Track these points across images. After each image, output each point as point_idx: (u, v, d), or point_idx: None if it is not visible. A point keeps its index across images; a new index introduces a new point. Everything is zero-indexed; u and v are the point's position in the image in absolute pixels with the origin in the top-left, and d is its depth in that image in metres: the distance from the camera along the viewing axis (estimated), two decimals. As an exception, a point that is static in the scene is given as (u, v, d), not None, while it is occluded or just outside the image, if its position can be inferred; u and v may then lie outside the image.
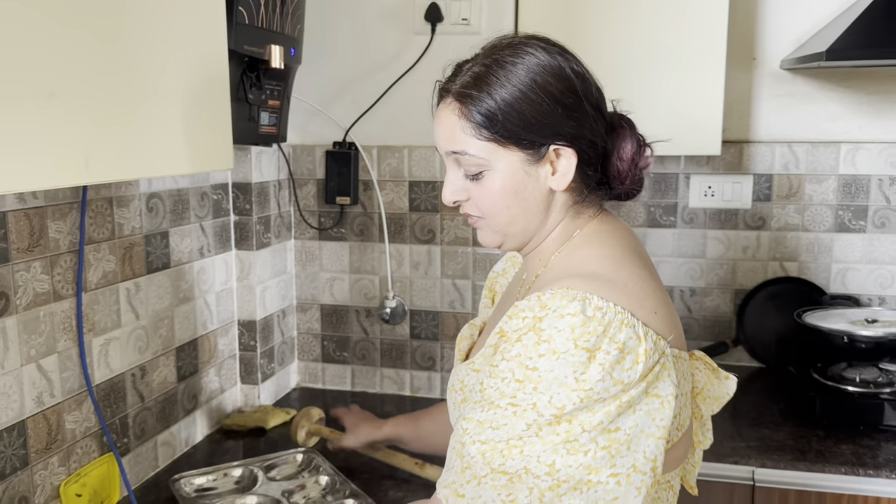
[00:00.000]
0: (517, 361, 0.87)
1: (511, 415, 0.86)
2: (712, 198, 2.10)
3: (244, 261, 1.84)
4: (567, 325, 0.85)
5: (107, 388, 1.41)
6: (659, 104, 1.78)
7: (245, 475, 1.48)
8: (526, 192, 0.97)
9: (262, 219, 1.85)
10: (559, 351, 0.84)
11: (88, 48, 0.93)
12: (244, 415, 1.80)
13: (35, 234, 1.23)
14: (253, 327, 1.86)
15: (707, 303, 2.15)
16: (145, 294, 1.51)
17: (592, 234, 1.01)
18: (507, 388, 0.87)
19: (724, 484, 1.62)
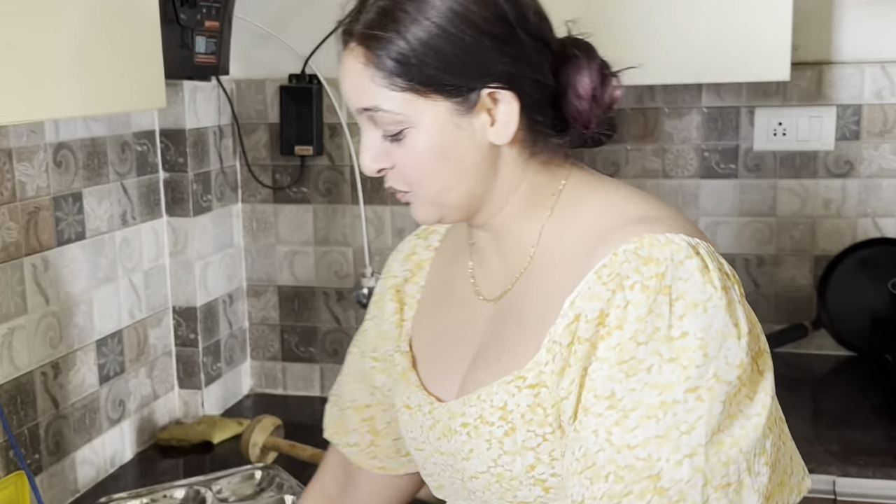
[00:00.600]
0: (658, 338, 0.92)
1: (697, 401, 0.90)
2: (783, 137, 2.19)
3: (178, 230, 1.94)
4: (692, 270, 0.92)
5: (11, 389, 1.53)
6: (709, 18, 1.87)
7: (190, 497, 1.60)
8: (459, 151, 1.01)
9: (199, 176, 1.95)
10: (701, 301, 0.92)
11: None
12: (184, 427, 1.91)
13: None
14: (192, 316, 1.97)
15: (779, 274, 2.24)
16: (55, 272, 1.62)
17: (585, 182, 1.07)
18: (669, 375, 0.91)
19: None
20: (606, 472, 0.92)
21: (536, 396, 0.99)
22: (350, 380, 1.28)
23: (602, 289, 0.94)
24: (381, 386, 1.24)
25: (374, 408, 1.25)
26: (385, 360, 1.24)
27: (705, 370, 0.90)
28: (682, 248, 0.93)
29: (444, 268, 1.21)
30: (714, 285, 0.92)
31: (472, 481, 1.05)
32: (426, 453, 1.12)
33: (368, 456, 1.25)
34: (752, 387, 0.93)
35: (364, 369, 1.26)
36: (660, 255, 0.93)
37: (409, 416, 1.14)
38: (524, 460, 1.00)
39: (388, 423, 1.25)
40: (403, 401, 1.16)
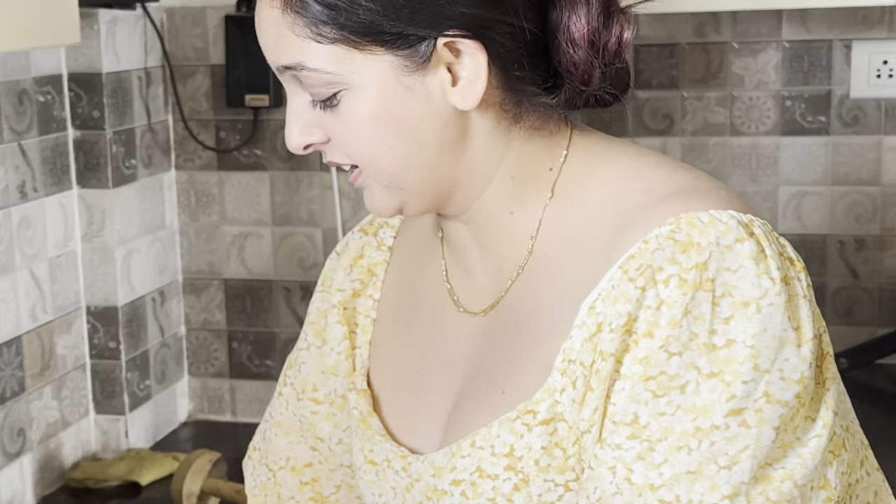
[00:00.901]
0: (696, 347, 0.92)
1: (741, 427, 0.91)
2: (889, 80, 2.23)
3: (94, 206, 1.97)
4: (744, 257, 0.93)
5: None
6: None
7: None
8: (413, 120, 1.02)
9: (121, 135, 1.98)
10: (754, 298, 0.91)
11: None
12: (103, 464, 1.94)
13: None
14: (112, 319, 2.01)
15: (885, 262, 2.29)
16: None
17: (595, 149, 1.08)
18: (708, 395, 0.92)
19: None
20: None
21: (553, 435, 0.99)
22: (282, 431, 1.27)
23: (630, 286, 0.95)
24: (328, 438, 1.24)
25: (317, 468, 1.25)
26: (332, 403, 1.24)
27: (755, 387, 0.91)
28: (731, 228, 0.94)
29: (407, 272, 1.22)
30: (771, 277, 0.92)
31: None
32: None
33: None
34: (813, 405, 0.94)
35: (303, 416, 1.25)
36: (702, 240, 0.93)
37: (376, 476, 1.14)
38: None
39: (338, 487, 1.26)
40: (365, 455, 1.15)
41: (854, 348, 2.27)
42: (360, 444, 1.15)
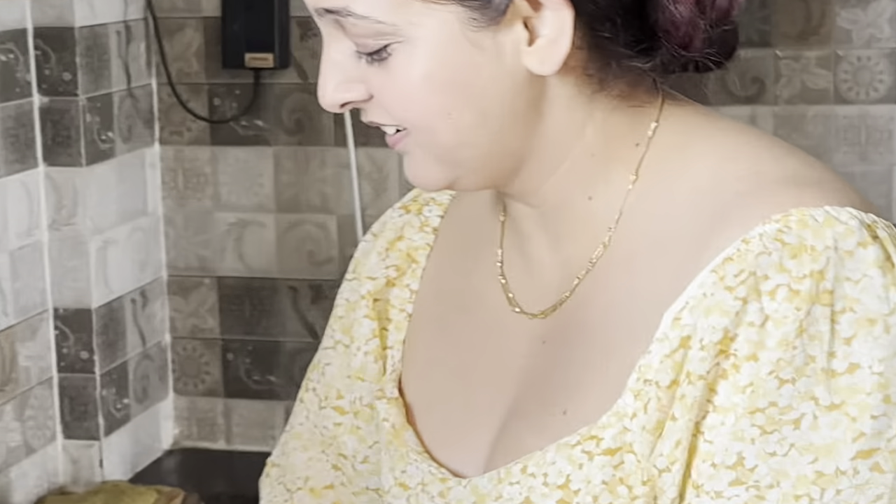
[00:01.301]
0: (814, 373, 0.92)
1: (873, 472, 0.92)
2: None
3: (64, 188, 1.95)
4: (869, 264, 0.92)
5: None
6: None
7: None
8: (478, 82, 1.00)
9: (96, 101, 1.95)
10: (881, 315, 0.91)
11: None
12: (73, 498, 1.91)
13: None
14: (85, 324, 1.98)
15: None
16: None
17: (690, 124, 1.07)
18: (830, 432, 0.92)
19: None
20: None
21: (617, 468, 0.97)
22: (301, 444, 1.27)
23: (727, 296, 0.93)
24: (352, 455, 1.24)
25: (339, 490, 1.26)
26: (357, 413, 1.24)
27: (888, 423, 0.89)
28: (853, 229, 0.92)
29: (454, 261, 1.21)
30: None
31: None
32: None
33: None
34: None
35: (325, 426, 1.25)
36: (817, 242, 0.91)
37: (406, 502, 1.14)
38: None
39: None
40: (396, 477, 1.15)
41: None
42: (391, 464, 1.15)
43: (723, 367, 0.91)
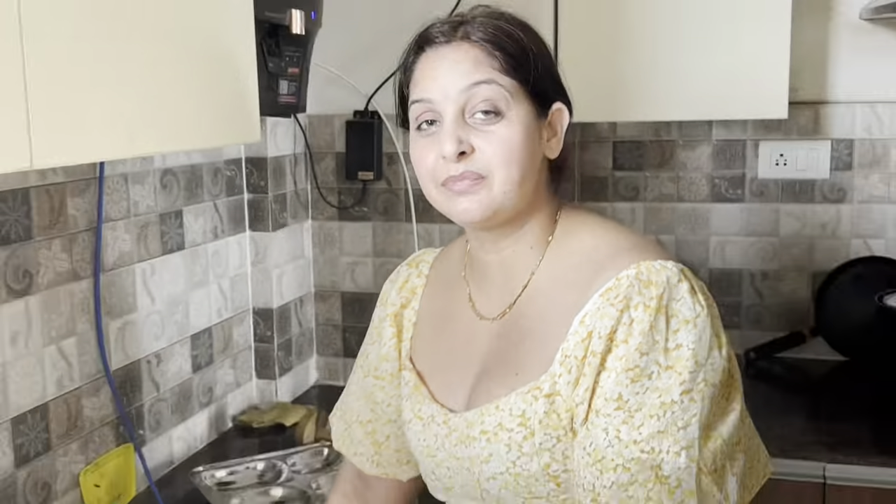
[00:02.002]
0: (660, 349, 0.94)
1: (691, 403, 0.93)
2: (784, 167, 2.25)
3: (259, 243, 2.06)
4: (684, 292, 0.96)
5: (122, 375, 1.66)
6: (717, 62, 1.95)
7: (268, 469, 1.73)
8: (533, 150, 1.02)
9: (277, 197, 2.06)
10: (692, 317, 0.95)
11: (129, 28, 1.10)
12: (261, 411, 2.03)
13: (55, 211, 1.48)
14: (269, 316, 2.08)
15: (781, 288, 2.30)
16: (160, 277, 1.76)
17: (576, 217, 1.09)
18: (666, 381, 0.94)
19: (791, 483, 1.73)
20: (615, 465, 0.94)
21: (552, 404, 0.99)
22: (354, 398, 1.25)
23: (611, 309, 0.96)
24: (381, 402, 1.21)
25: (374, 422, 1.22)
26: (385, 378, 1.21)
27: (697, 375, 0.94)
28: (675, 273, 0.97)
29: (438, 294, 1.19)
30: (701, 304, 0.96)
31: (488, 482, 1.04)
32: (438, 459, 1.10)
33: (373, 464, 1.23)
34: (727, 388, 0.97)
35: (367, 387, 1.23)
36: (657, 280, 0.96)
37: (422, 427, 1.11)
38: (541, 460, 0.99)
39: (388, 436, 1.22)
40: (415, 412, 1.13)
41: (760, 346, 2.29)
42: (411, 405, 1.14)
43: (609, 346, 0.95)
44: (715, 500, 0.93)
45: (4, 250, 1.39)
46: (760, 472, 1.03)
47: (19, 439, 1.43)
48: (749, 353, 2.28)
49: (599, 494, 0.94)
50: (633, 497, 0.93)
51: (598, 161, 2.36)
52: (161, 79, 1.18)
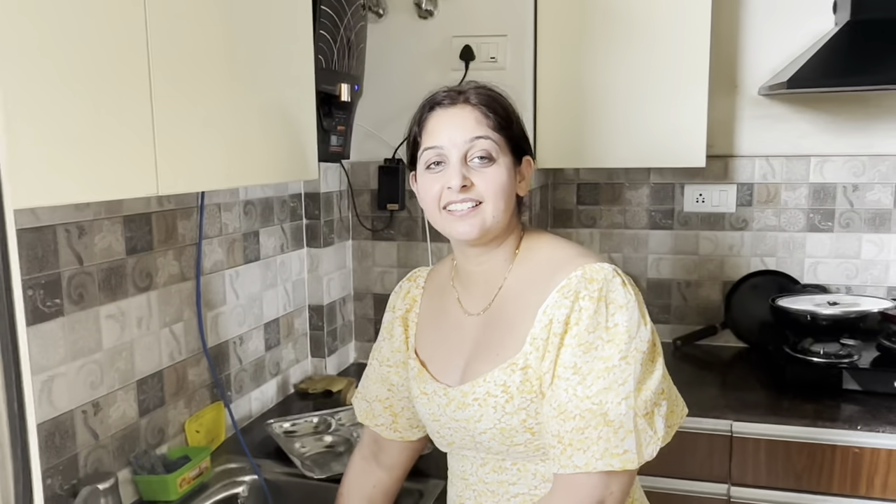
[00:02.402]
0: (602, 327, 0.94)
1: (627, 365, 0.93)
2: (702, 204, 2.31)
3: (313, 256, 2.07)
4: (617, 285, 0.96)
5: (215, 351, 1.69)
6: (654, 125, 2.01)
7: (321, 422, 1.76)
8: (512, 188, 1.03)
9: (327, 222, 2.08)
10: (624, 303, 0.95)
11: (228, 91, 1.13)
12: (314, 381, 2.05)
13: (169, 230, 1.52)
14: (320, 311, 2.10)
15: (699, 293, 2.36)
16: (242, 280, 1.79)
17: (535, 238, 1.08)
18: (608, 350, 0.94)
19: (706, 435, 1.80)
20: (574, 415, 0.94)
21: (525, 374, 0.98)
22: (372, 382, 1.22)
23: (565, 301, 0.96)
24: (396, 384, 1.19)
25: (391, 399, 1.20)
26: (397, 366, 1.18)
27: (630, 345, 0.94)
28: (610, 272, 0.97)
29: (433, 299, 1.16)
30: (630, 293, 0.96)
31: (480, 436, 1.02)
32: (442, 423, 1.07)
33: (391, 430, 1.21)
34: (652, 354, 0.97)
35: (383, 374, 1.20)
36: (598, 277, 0.96)
37: (427, 400, 1.09)
38: (519, 416, 0.98)
39: (402, 408, 1.20)
40: (421, 389, 1.11)
41: (684, 335, 2.32)
42: (417, 385, 1.12)
43: (566, 328, 0.95)
44: (647, 435, 0.94)
45: (133, 258, 1.42)
46: (679, 413, 1.03)
47: (142, 396, 1.46)
48: (676, 341, 2.32)
49: (563, 438, 0.94)
50: (588, 438, 0.93)
51: (566, 198, 2.41)
52: (248, 130, 1.19)
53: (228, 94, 1.13)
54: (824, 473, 1.75)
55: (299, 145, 1.38)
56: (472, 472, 1.08)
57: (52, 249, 1.22)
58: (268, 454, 1.61)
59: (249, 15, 1.17)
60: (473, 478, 1.07)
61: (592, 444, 0.93)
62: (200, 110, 1.05)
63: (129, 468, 1.41)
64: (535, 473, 1.02)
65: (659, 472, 1.83)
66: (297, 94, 1.37)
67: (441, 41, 2.02)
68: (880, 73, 1.81)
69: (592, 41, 2.01)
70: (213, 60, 1.09)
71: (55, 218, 1.23)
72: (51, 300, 1.22)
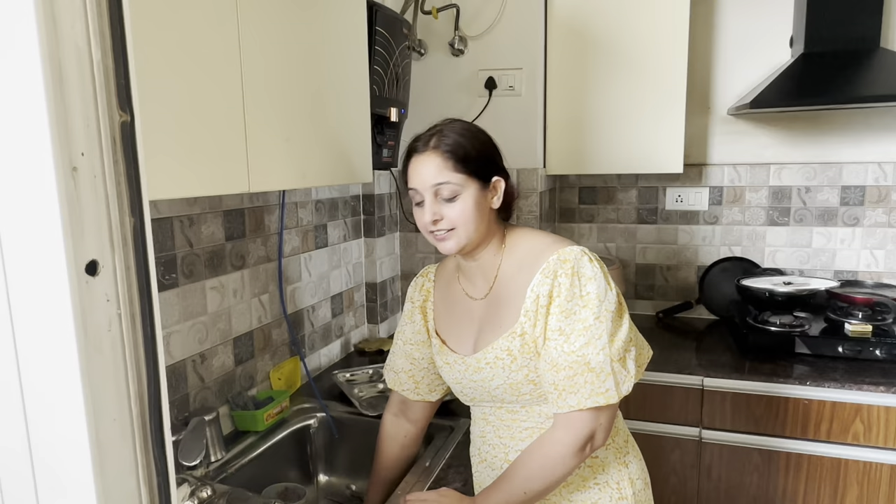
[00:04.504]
0: (577, 296, 0.93)
1: (600, 323, 0.92)
2: (681, 203, 2.28)
3: (369, 245, 2.08)
4: (585, 262, 0.95)
5: (293, 317, 1.70)
6: (641, 139, 1.99)
7: (375, 373, 1.77)
8: (482, 211, 0.99)
9: (380, 217, 2.08)
10: (592, 275, 0.94)
11: (305, 114, 1.13)
12: (369, 342, 2.06)
13: (257, 222, 1.54)
14: (374, 287, 2.10)
15: (678, 275, 2.33)
16: (315, 262, 1.79)
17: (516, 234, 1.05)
18: (584, 313, 0.92)
19: (682, 388, 1.81)
20: (564, 366, 0.93)
21: (523, 339, 0.97)
22: (397, 357, 1.19)
23: (547, 279, 0.94)
24: (418, 357, 1.16)
25: (413, 370, 1.18)
26: (418, 344, 1.15)
27: (601, 307, 0.93)
28: (578, 252, 0.95)
29: (443, 289, 1.13)
30: (596, 267, 0.95)
31: (495, 391, 1.01)
32: (463, 384, 1.06)
33: (414, 394, 1.19)
34: (619, 311, 0.96)
35: (407, 350, 1.17)
36: (569, 258, 0.95)
37: (450, 368, 1.07)
38: (522, 373, 0.98)
39: (423, 376, 1.17)
40: (444, 361, 1.09)
41: (665, 309, 2.28)
42: (440, 357, 1.10)
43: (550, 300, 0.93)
44: (622, 375, 0.94)
45: (230, 243, 1.44)
46: (645, 355, 1.02)
47: (237, 350, 1.48)
48: (658, 314, 2.31)
49: (558, 385, 0.94)
50: (577, 383, 0.92)
51: (569, 198, 2.40)
52: (319, 144, 1.19)
53: (305, 117, 1.14)
54: (779, 420, 1.74)
55: (358, 156, 1.39)
56: (491, 414, 1.08)
57: (170, 236, 1.24)
58: (333, 397, 1.62)
59: (321, 56, 1.18)
60: (492, 417, 1.07)
61: (581, 387, 0.93)
62: (282, 130, 1.06)
63: (227, 405, 1.43)
64: (539, 413, 1.02)
65: (645, 418, 1.83)
66: (356, 116, 1.38)
67: (470, 73, 2.02)
68: (828, 96, 1.78)
69: (591, 71, 2.00)
70: (294, 91, 1.10)
71: (172, 211, 1.24)
72: (168, 275, 1.24)
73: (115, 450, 0.42)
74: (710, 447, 1.78)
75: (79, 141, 0.38)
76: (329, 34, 1.17)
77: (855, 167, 2.11)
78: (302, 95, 1.12)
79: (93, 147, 0.38)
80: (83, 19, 0.36)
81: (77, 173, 0.38)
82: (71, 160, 0.37)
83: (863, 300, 1.92)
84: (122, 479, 0.43)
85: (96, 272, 0.40)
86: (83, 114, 0.37)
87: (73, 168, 0.37)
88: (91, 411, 0.41)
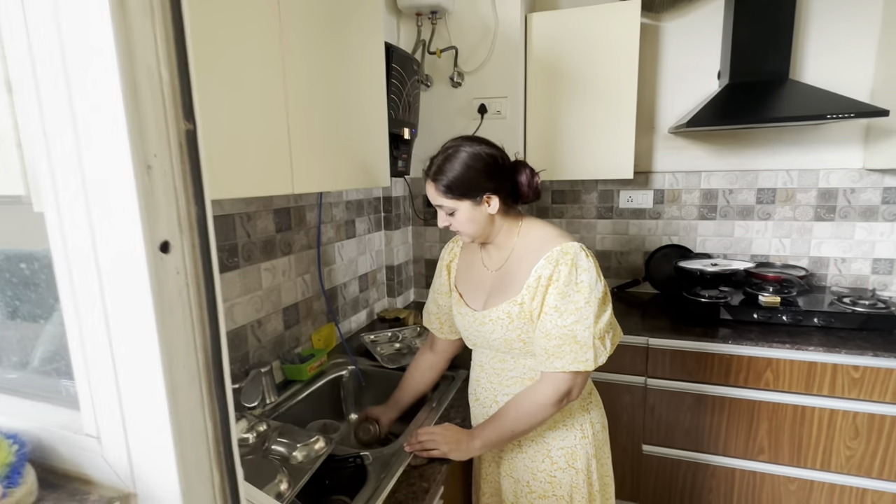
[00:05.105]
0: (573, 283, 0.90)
1: (589, 307, 0.90)
2: (631, 202, 2.26)
3: (388, 236, 2.05)
4: (583, 257, 0.92)
5: (330, 292, 1.69)
6: (600, 151, 1.97)
7: (394, 335, 1.75)
8: (477, 218, 0.96)
9: (396, 215, 2.06)
10: (587, 268, 0.91)
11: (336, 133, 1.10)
12: (389, 311, 2.03)
13: (300, 218, 1.53)
14: (392, 269, 2.08)
15: (628, 258, 2.31)
16: (346, 249, 1.78)
17: (530, 223, 1.02)
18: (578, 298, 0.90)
19: (632, 347, 1.81)
20: (555, 336, 0.91)
21: (521, 308, 0.95)
22: (430, 302, 1.19)
23: (549, 265, 0.92)
24: (443, 305, 1.15)
25: (439, 313, 1.16)
26: (443, 294, 1.14)
27: (591, 294, 0.91)
28: (577, 248, 0.93)
29: (467, 256, 1.10)
30: (590, 261, 0.93)
31: (493, 342, 1.00)
32: (470, 332, 1.04)
33: (440, 332, 1.17)
34: (605, 299, 0.94)
35: (436, 298, 1.16)
36: (570, 251, 0.92)
37: (462, 318, 1.06)
38: (516, 332, 0.96)
39: (446, 319, 1.16)
40: (458, 311, 1.07)
41: (619, 285, 2.26)
42: (456, 308, 1.07)
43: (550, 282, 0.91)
44: (600, 350, 0.92)
45: (279, 234, 1.42)
46: (618, 336, 1.01)
47: (286, 317, 1.47)
48: (613, 289, 2.29)
49: (548, 350, 0.92)
50: (564, 351, 0.91)
51: (544, 199, 2.36)
52: (347, 156, 1.15)
53: (337, 134, 1.11)
54: (707, 371, 1.73)
55: (379, 166, 1.36)
56: (486, 362, 1.06)
57: (232, 228, 1.24)
58: (361, 354, 1.60)
59: (350, 86, 1.15)
60: (486, 365, 1.06)
61: (566, 354, 0.92)
62: (319, 144, 1.04)
63: (279, 360, 1.41)
64: (524, 365, 1.00)
65: (603, 370, 1.83)
66: (377, 134, 1.36)
67: (466, 101, 2.00)
68: (748, 117, 1.77)
69: (561, 98, 1.98)
70: (328, 113, 1.07)
71: (234, 209, 1.24)
72: (231, 259, 1.24)
73: (184, 390, 0.42)
74: (654, 392, 1.78)
75: (152, 144, 0.38)
76: (355, 69, 1.16)
77: (768, 173, 2.10)
78: (334, 117, 1.10)
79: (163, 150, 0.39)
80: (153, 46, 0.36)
81: (151, 171, 0.38)
82: (146, 160, 0.38)
83: (773, 277, 1.92)
84: (191, 413, 0.43)
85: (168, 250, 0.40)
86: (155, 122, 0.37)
87: (147, 166, 0.38)
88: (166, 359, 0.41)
